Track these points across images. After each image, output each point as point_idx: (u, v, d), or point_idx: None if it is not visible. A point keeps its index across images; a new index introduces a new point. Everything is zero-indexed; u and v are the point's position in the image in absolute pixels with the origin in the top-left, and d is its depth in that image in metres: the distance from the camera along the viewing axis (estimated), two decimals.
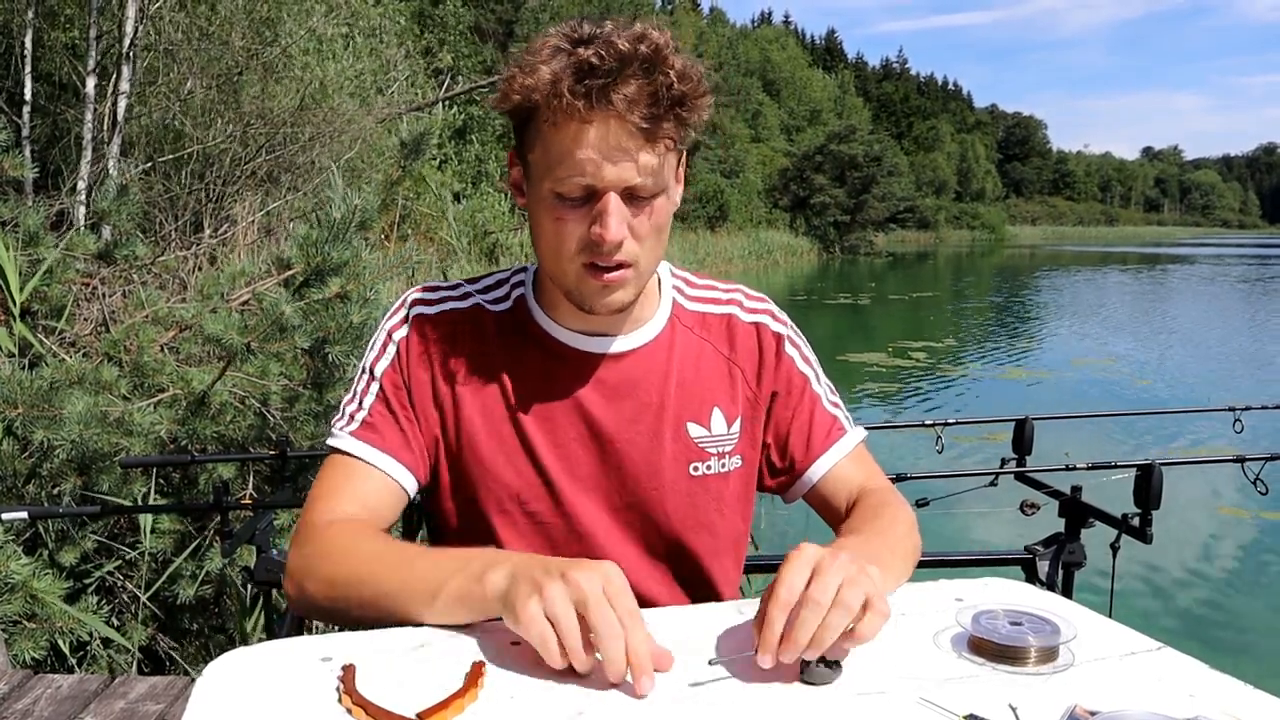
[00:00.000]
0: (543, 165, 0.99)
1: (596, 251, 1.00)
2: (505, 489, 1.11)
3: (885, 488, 1.18)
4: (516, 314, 1.14)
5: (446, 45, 18.57)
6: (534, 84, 0.95)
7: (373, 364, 1.13)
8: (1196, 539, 5.30)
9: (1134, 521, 1.83)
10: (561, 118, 0.95)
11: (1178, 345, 13.72)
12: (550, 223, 1.01)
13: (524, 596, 0.81)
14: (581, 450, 1.12)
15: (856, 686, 0.82)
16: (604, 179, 0.96)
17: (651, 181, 0.99)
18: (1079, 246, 69.89)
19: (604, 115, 0.94)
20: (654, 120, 0.95)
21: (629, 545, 1.14)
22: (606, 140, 0.95)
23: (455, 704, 0.76)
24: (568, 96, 0.93)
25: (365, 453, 1.08)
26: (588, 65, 0.93)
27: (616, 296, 1.04)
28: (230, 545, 1.92)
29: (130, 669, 2.64)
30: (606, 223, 0.98)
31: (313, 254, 2.94)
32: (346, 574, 0.97)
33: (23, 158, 4.21)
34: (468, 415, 1.11)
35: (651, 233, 1.03)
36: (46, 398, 2.47)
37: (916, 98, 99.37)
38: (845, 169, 40.83)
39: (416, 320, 1.13)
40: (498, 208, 12.64)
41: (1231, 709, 0.78)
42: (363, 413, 1.10)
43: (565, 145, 0.96)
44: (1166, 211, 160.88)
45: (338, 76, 7.80)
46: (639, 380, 1.13)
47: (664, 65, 0.95)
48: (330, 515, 1.05)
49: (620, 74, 0.93)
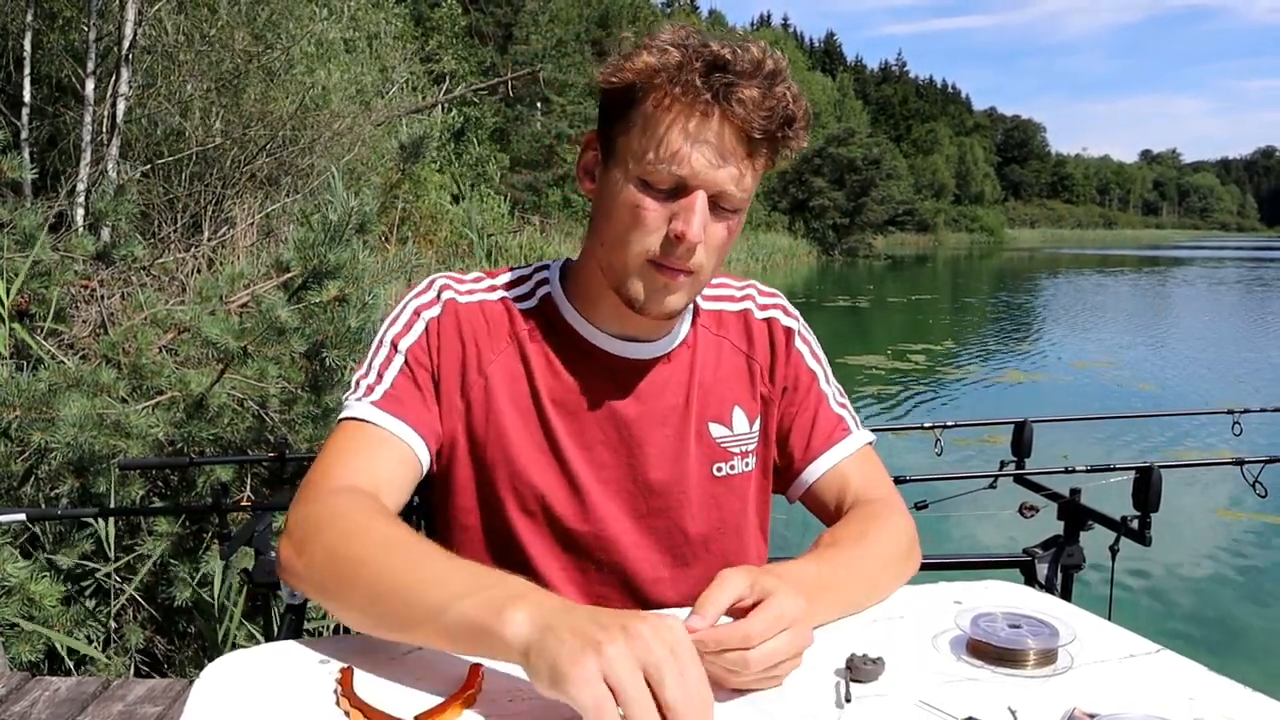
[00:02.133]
0: (638, 148, 0.96)
1: (669, 249, 0.97)
2: (530, 489, 1.08)
3: (882, 498, 1.13)
4: (545, 312, 1.11)
5: (443, 47, 18.59)
6: (660, 64, 0.93)
7: (396, 338, 1.07)
8: (1196, 542, 5.30)
9: (1133, 524, 1.83)
10: (680, 104, 0.93)
11: (1176, 348, 13.72)
12: (627, 209, 0.98)
13: (576, 653, 0.67)
14: (608, 454, 1.10)
15: (855, 689, 0.81)
16: (700, 176, 0.95)
17: (741, 193, 0.97)
18: (1077, 249, 69.97)
19: (723, 113, 0.93)
20: (765, 133, 0.94)
21: (653, 551, 1.12)
22: (719, 139, 0.94)
23: (453, 707, 0.75)
24: (696, 84, 0.92)
25: (387, 421, 1.02)
26: (722, 60, 0.92)
27: (671, 300, 1.01)
28: (228, 548, 1.92)
29: (128, 671, 2.64)
30: (690, 220, 0.95)
31: (310, 256, 2.93)
32: (352, 552, 0.87)
33: (21, 159, 4.20)
34: (499, 408, 1.07)
35: (721, 248, 1.01)
36: (44, 400, 2.46)
37: (915, 101, 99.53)
38: (844, 172, 40.83)
39: (449, 304, 1.08)
40: (497, 210, 12.64)
41: (1231, 712, 0.78)
42: (384, 384, 1.04)
43: (674, 132, 0.94)
44: (1165, 214, 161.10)
45: (339, 80, 7.81)
46: (665, 383, 1.11)
47: (783, 83, 0.95)
48: (341, 480, 0.97)
49: (748, 78, 0.93)
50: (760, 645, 0.77)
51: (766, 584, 0.81)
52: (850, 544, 1.01)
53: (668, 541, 1.12)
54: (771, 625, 0.78)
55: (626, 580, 1.11)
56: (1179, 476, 4.79)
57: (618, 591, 1.12)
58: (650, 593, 1.12)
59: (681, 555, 1.13)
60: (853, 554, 0.99)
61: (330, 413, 2.92)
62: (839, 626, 0.95)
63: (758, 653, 0.77)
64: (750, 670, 0.77)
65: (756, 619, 0.78)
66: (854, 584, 0.98)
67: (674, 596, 1.11)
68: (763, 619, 0.78)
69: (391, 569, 0.84)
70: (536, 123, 26.26)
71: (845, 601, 0.96)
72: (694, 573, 1.13)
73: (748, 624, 0.78)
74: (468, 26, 23.86)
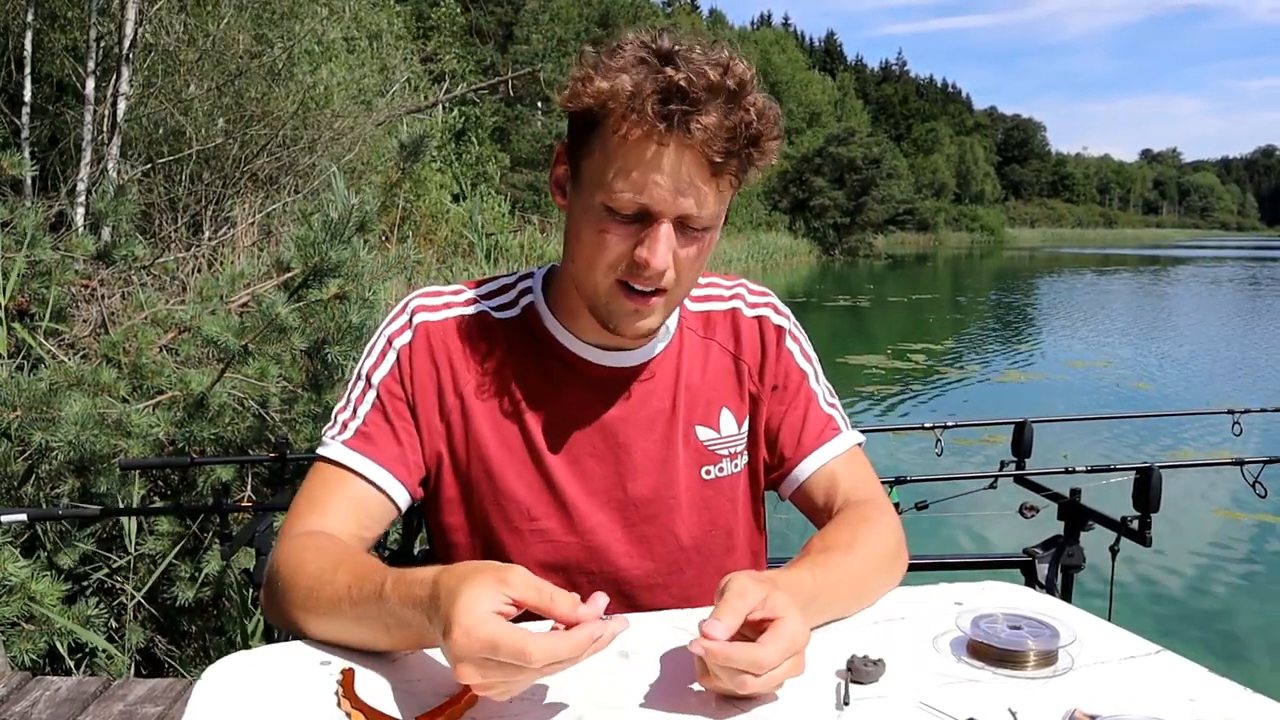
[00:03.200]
0: (599, 174, 0.95)
1: (635, 274, 0.97)
2: (516, 504, 1.08)
3: (870, 499, 1.13)
4: (527, 322, 1.11)
5: (443, 47, 18.57)
6: (612, 91, 0.91)
7: (369, 371, 1.08)
8: (1196, 542, 5.30)
9: (1133, 524, 1.84)
10: (635, 133, 0.91)
11: (1177, 348, 13.72)
12: (593, 233, 0.97)
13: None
14: (597, 464, 1.10)
15: (855, 691, 0.81)
16: (662, 206, 0.94)
17: (708, 215, 0.96)
18: (1078, 249, 69.91)
19: (680, 142, 0.91)
20: (727, 156, 0.93)
21: (645, 559, 1.12)
22: (676, 168, 0.92)
23: (453, 709, 0.75)
24: (649, 114, 0.90)
25: (356, 463, 1.04)
26: (676, 88, 0.90)
27: (645, 323, 1.02)
28: (229, 548, 1.92)
29: (129, 671, 2.64)
30: (655, 249, 0.95)
31: (311, 254, 2.93)
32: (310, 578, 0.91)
33: (21, 158, 4.20)
34: (478, 427, 1.08)
35: (694, 266, 1.01)
36: (45, 399, 2.46)
37: (916, 100, 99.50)
38: (844, 171, 40.80)
39: (420, 328, 1.08)
40: (497, 209, 12.63)
41: (1231, 713, 0.78)
42: (356, 421, 1.06)
43: (631, 161, 0.92)
44: (1165, 214, 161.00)
45: (341, 79, 7.81)
46: (651, 390, 1.11)
47: (746, 101, 0.93)
48: (305, 525, 1.01)
49: (705, 104, 0.90)
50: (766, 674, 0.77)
51: (778, 603, 0.80)
52: (843, 550, 1.00)
53: (660, 548, 1.12)
54: (781, 655, 0.77)
55: (620, 588, 1.11)
56: (1179, 477, 4.78)
57: (612, 600, 1.12)
58: (644, 599, 1.12)
59: (674, 560, 1.13)
60: (845, 560, 0.99)
61: (331, 412, 2.92)
62: (839, 628, 0.95)
63: (760, 681, 0.77)
64: (747, 690, 0.77)
65: (769, 648, 0.77)
66: (846, 590, 0.98)
67: (669, 600, 1.11)
68: (774, 649, 0.77)
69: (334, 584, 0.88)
70: (537, 122, 26.25)
71: (837, 608, 0.97)
72: (687, 576, 1.14)
73: (760, 651, 0.77)
74: (467, 25, 23.85)
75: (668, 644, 0.90)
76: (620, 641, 0.91)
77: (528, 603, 0.74)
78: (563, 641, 0.71)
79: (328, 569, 0.91)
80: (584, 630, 0.73)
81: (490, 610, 0.72)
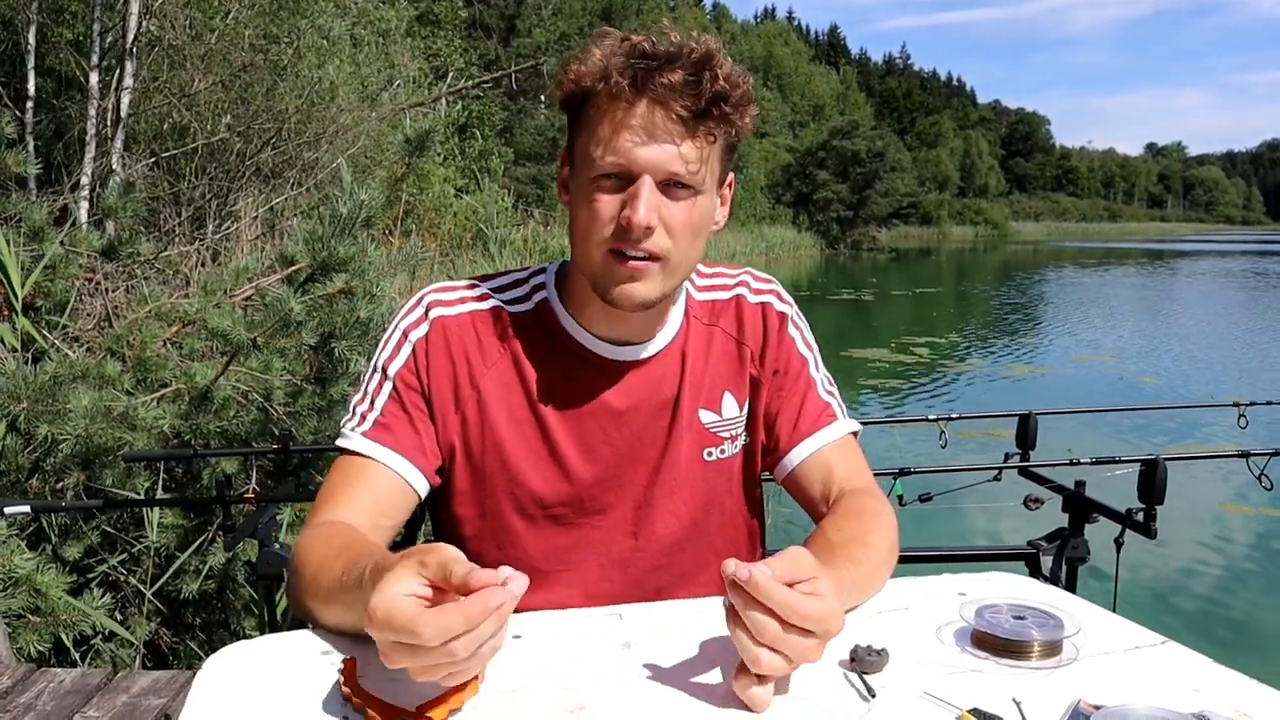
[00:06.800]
0: (587, 150, 1.00)
1: (625, 238, 0.99)
2: (530, 494, 1.11)
3: (866, 489, 1.14)
4: (540, 316, 1.13)
5: (445, 41, 18.56)
6: (586, 70, 0.99)
7: (385, 363, 1.11)
8: (1201, 534, 5.29)
9: (1138, 516, 1.83)
10: (607, 100, 0.97)
11: (1182, 341, 13.69)
12: (585, 206, 1.01)
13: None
14: (610, 453, 1.12)
15: (859, 680, 0.81)
16: (639, 161, 0.97)
17: (690, 172, 0.99)
18: (1082, 243, 69.73)
19: (649, 99, 0.96)
20: (695, 112, 0.97)
21: (648, 542, 1.15)
22: (649, 123, 0.97)
23: (455, 697, 0.75)
24: (615, 76, 0.96)
25: (377, 452, 1.06)
26: (639, 50, 0.97)
27: (638, 288, 1.02)
28: (233, 540, 1.92)
29: (133, 663, 2.64)
30: (637, 205, 0.97)
31: (318, 249, 2.93)
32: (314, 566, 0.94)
33: (26, 153, 4.20)
34: (493, 418, 1.10)
35: (686, 230, 1.01)
36: (50, 393, 2.47)
37: (920, 94, 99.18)
38: (848, 165, 40.73)
39: (435, 321, 1.11)
40: (501, 204, 12.63)
41: (1237, 704, 0.78)
42: (375, 412, 1.09)
43: (606, 126, 0.98)
44: (1170, 208, 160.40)
45: (346, 74, 7.80)
46: (660, 379, 1.14)
47: (712, 65, 0.97)
48: (327, 515, 1.04)
49: (668, 63, 0.96)
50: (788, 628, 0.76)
51: (822, 585, 0.79)
52: (859, 545, 1.01)
53: (662, 529, 1.15)
54: (812, 618, 0.76)
55: (626, 570, 1.14)
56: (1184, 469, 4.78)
57: (617, 580, 1.15)
58: (647, 580, 1.15)
59: (675, 540, 1.16)
60: (864, 554, 1.00)
61: (335, 405, 2.93)
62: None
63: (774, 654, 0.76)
64: (763, 637, 0.76)
65: (808, 603, 0.77)
66: (863, 585, 0.99)
67: (667, 579, 1.15)
68: (812, 607, 0.76)
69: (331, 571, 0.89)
70: (540, 116, 26.23)
71: (853, 603, 0.98)
72: (688, 556, 1.17)
73: (797, 599, 0.76)
74: (470, 20, 23.83)
75: (669, 634, 0.90)
76: (622, 632, 0.92)
77: (436, 580, 0.72)
78: (453, 614, 0.69)
79: (330, 557, 0.92)
80: (475, 600, 0.69)
81: (399, 593, 0.71)
